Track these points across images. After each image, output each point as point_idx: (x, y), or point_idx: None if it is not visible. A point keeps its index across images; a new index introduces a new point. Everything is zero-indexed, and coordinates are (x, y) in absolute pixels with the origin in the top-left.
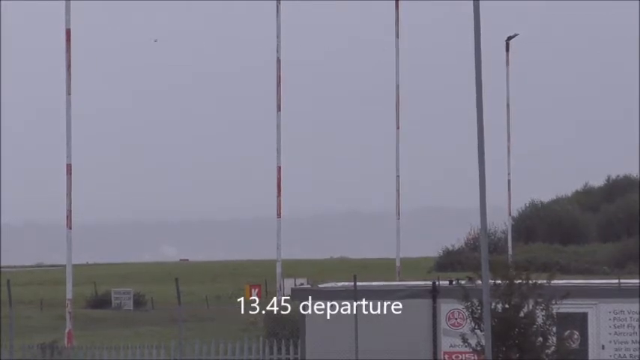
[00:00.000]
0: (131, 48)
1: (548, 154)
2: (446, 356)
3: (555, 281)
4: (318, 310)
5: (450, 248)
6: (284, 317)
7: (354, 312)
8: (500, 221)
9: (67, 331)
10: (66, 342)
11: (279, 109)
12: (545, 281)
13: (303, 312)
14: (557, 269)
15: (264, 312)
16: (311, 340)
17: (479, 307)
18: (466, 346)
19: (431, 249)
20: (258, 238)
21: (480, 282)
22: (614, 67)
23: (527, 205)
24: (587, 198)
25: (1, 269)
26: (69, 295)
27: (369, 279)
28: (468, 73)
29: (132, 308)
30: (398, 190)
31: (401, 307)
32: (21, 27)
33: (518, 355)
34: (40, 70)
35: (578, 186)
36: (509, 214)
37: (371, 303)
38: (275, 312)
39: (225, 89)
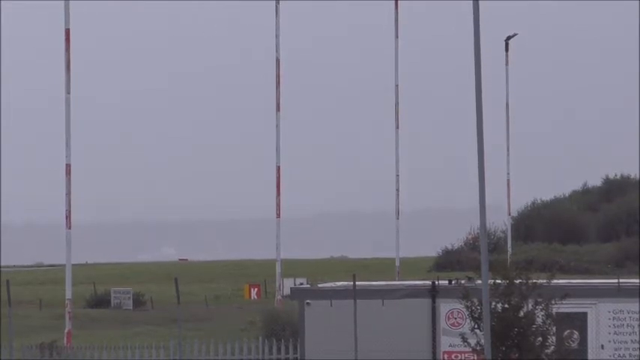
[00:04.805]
0: (130, 48)
1: (547, 154)
2: (445, 356)
3: (555, 281)
4: (318, 310)
5: (450, 248)
6: (284, 317)
7: (354, 312)
8: (499, 221)
9: (66, 330)
10: (65, 342)
11: (278, 108)
12: (545, 281)
13: (302, 312)
14: (557, 269)
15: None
16: (311, 340)
17: (478, 307)
18: (466, 346)
19: (430, 249)
20: (258, 238)
21: (479, 282)
22: (613, 67)
23: (528, 204)
24: (585, 198)
25: (1, 269)
26: (68, 295)
27: (369, 279)
28: (468, 73)
29: (131, 308)
30: (398, 190)
31: (400, 307)
32: (21, 27)
33: (517, 354)
34: (39, 70)
35: (577, 186)
36: (509, 214)
37: (371, 303)
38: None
39: (224, 89)
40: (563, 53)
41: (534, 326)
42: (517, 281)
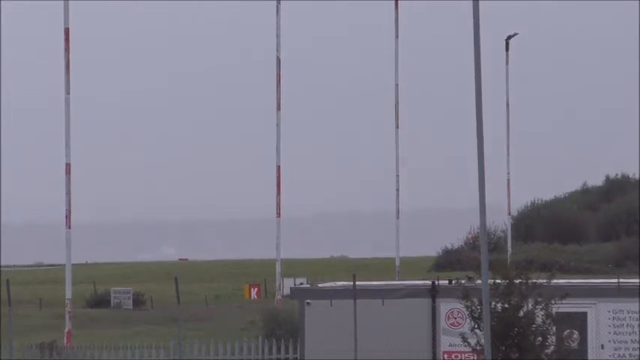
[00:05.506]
0: (130, 48)
1: (547, 154)
2: (445, 356)
3: (555, 281)
4: (318, 310)
5: (450, 248)
6: (283, 317)
7: (354, 312)
8: (499, 220)
9: (66, 330)
10: (65, 341)
11: (278, 108)
12: (544, 281)
13: (302, 311)
14: (557, 269)
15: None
16: (310, 339)
17: (478, 307)
18: (466, 346)
19: (430, 249)
20: (257, 238)
21: (479, 281)
22: (613, 67)
23: (528, 204)
24: (585, 198)
25: (1, 269)
26: (68, 295)
27: (369, 279)
28: (468, 73)
29: (131, 308)
30: (397, 190)
31: (400, 306)
32: (21, 27)
33: (517, 354)
34: (39, 70)
35: (577, 186)
36: (509, 214)
37: (371, 303)
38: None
39: (224, 89)
40: (563, 53)
41: (534, 326)
42: (517, 281)
